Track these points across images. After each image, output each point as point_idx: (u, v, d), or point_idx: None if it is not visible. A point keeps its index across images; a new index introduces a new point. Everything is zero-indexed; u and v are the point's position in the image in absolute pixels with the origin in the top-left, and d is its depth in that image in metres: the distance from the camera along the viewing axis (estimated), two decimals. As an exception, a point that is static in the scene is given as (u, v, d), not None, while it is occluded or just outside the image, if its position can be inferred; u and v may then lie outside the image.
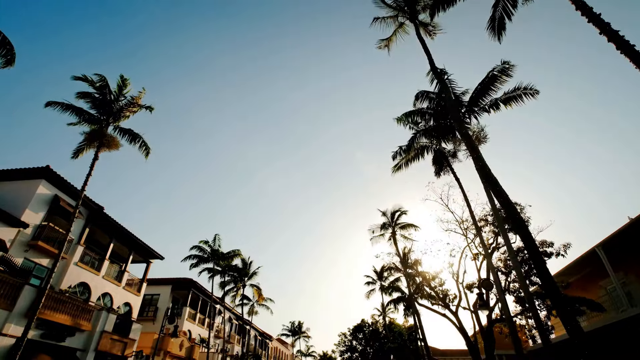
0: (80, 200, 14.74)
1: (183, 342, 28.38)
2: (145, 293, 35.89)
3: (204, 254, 30.83)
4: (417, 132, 16.13)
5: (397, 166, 18.11)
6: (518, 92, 13.05)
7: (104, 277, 23.19)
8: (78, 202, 14.61)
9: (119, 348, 20.49)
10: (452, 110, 12.00)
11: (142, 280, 27.58)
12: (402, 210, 28.72)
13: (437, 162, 16.93)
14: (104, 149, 15.43)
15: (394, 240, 28.53)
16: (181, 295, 36.77)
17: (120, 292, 24.69)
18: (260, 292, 37.14)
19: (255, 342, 56.45)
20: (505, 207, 8.70)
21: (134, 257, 27.69)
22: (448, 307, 18.21)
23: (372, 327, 51.44)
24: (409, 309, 28.43)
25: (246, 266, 35.48)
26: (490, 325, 16.65)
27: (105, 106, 15.73)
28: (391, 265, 33.05)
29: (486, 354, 16.25)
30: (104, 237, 24.57)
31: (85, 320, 18.37)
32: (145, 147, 17.45)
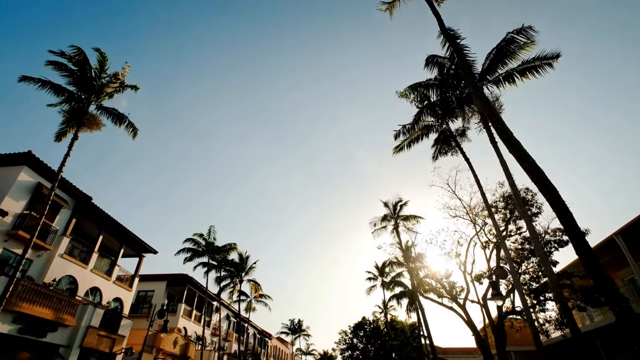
0: (56, 182, 13.61)
1: (177, 339, 27.28)
2: (140, 289, 34.90)
3: (199, 247, 29.63)
4: (422, 108, 14.91)
5: (398, 147, 16.99)
6: (537, 63, 11.82)
7: (93, 270, 22.10)
8: (54, 184, 13.47)
9: (107, 344, 19.41)
10: (465, 75, 10.82)
11: (134, 275, 26.49)
12: (405, 201, 27.63)
13: (443, 141, 15.81)
14: (85, 128, 14.32)
15: (396, 233, 27.38)
16: (177, 292, 35.70)
17: (110, 287, 23.60)
18: (258, 287, 35.97)
19: (254, 340, 55.37)
20: (534, 173, 7.55)
21: (126, 250, 26.58)
22: (455, 299, 17.10)
23: (373, 324, 50.33)
24: (412, 304, 27.31)
25: (243, 261, 34.31)
26: (501, 318, 15.55)
27: (86, 83, 14.60)
28: (393, 259, 31.96)
29: (497, 349, 15.13)
30: (92, 229, 23.47)
31: (69, 315, 17.27)
32: (132, 128, 16.35)
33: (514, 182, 9.97)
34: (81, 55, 14.14)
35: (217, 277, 32.51)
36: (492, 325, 15.89)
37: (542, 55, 11.76)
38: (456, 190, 17.37)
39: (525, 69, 12.10)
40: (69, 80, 14.31)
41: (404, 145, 16.93)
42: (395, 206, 27.94)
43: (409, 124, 15.50)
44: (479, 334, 16.68)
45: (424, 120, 15.34)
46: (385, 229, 27.84)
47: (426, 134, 16.33)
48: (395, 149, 17.06)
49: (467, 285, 17.52)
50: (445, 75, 13.32)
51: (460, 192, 17.40)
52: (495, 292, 11.89)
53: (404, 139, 16.66)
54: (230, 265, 32.80)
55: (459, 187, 17.39)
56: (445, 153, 16.12)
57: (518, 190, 10.19)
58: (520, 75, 12.28)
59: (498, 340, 15.15)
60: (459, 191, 17.39)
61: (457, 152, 15.48)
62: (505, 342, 15.14)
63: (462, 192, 18.92)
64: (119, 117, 15.84)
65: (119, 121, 15.96)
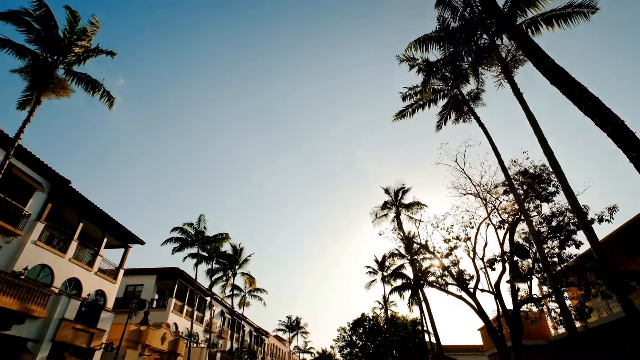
0: (12, 149, 11.94)
1: (166, 335, 25.68)
2: (128, 283, 33.35)
3: (188, 236, 27.92)
4: (434, 64, 13.13)
5: (401, 114, 15.40)
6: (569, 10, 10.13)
7: (71, 260, 20.48)
8: (9, 151, 11.82)
9: (84, 339, 17.81)
10: (490, 10, 9.12)
11: (119, 267, 24.86)
12: (407, 187, 25.97)
13: (454, 107, 14.22)
14: (50, 94, 12.72)
15: (397, 222, 25.80)
16: (167, 286, 34.11)
17: (91, 278, 21.98)
18: (253, 281, 34.30)
19: (250, 338, 53.81)
20: (587, 102, 5.95)
21: (110, 241, 24.97)
22: (465, 287, 15.56)
23: (372, 321, 48.71)
24: (414, 296, 25.77)
25: (237, 252, 32.65)
26: (517, 307, 14.01)
27: (52, 44, 12.97)
28: (394, 251, 30.43)
29: (513, 342, 13.57)
30: (72, 216, 21.86)
31: (39, 306, 15.66)
32: (108, 98, 14.74)
33: (545, 138, 8.42)
34: (45, 11, 12.44)
35: (208, 270, 30.80)
36: (506, 315, 14.37)
37: (577, 2, 10.11)
38: (465, 168, 15.85)
39: (553, 16, 10.52)
40: (31, 37, 12.65)
41: (407, 112, 15.32)
42: (397, 193, 26.27)
43: (416, 86, 13.91)
44: (491, 324, 15.10)
45: (432, 82, 13.73)
46: (386, 217, 26.21)
47: (434, 100, 14.75)
48: (397, 115, 15.47)
49: (477, 272, 15.97)
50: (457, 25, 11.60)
51: (469, 171, 15.87)
52: (515, 274, 10.37)
53: (409, 104, 15.08)
54: (223, 257, 31.09)
55: (468, 165, 15.66)
56: (456, 120, 14.53)
57: (550, 149, 8.60)
58: (546, 24, 10.70)
59: (514, 332, 13.60)
60: (468, 170, 15.73)
61: (469, 118, 13.92)
62: (521, 334, 13.61)
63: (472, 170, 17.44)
64: (92, 84, 14.22)
65: (92, 89, 14.33)
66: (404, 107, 15.38)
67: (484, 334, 27.55)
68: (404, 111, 15.47)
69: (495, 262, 14.65)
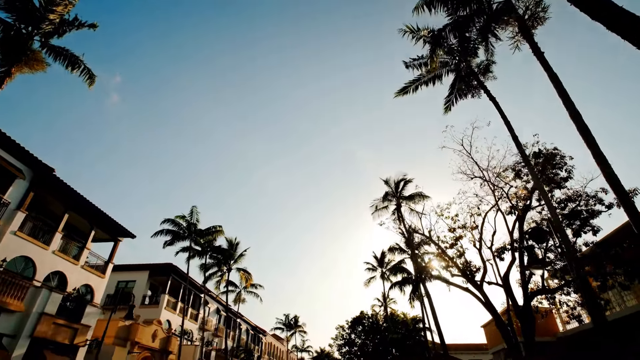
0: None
1: (157, 332, 24.66)
2: (120, 279, 32.35)
3: (180, 229, 26.81)
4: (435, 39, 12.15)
5: (404, 90, 14.38)
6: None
7: (55, 252, 19.45)
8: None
9: (66, 335, 16.79)
10: None
11: (107, 261, 23.82)
12: (409, 178, 24.89)
13: (462, 81, 13.21)
14: (23, 67, 11.72)
15: (398, 215, 24.76)
16: (160, 283, 33.11)
17: (77, 272, 20.95)
18: (249, 277, 33.24)
19: (247, 336, 52.83)
20: None
21: (98, 234, 23.93)
22: (472, 279, 14.60)
23: (372, 319, 47.78)
24: (415, 291, 24.80)
25: (232, 247, 31.59)
26: (528, 299, 13.05)
27: (27, 12, 11.94)
28: (394, 245, 29.45)
29: (524, 337, 12.60)
30: (58, 206, 20.84)
31: (16, 299, 14.65)
32: (89, 75, 13.76)
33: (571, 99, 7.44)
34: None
35: (201, 265, 29.69)
36: (516, 308, 13.42)
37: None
38: (472, 153, 14.87)
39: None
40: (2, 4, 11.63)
41: (410, 89, 14.31)
42: (398, 184, 25.20)
43: (421, 57, 12.84)
44: (500, 318, 14.14)
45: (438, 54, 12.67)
46: (386, 209, 25.16)
47: (439, 76, 13.73)
48: (400, 91, 14.47)
49: (483, 264, 15.04)
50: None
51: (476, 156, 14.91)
52: (531, 261, 9.38)
53: (412, 79, 14.05)
54: (218, 252, 30.00)
55: (474, 149, 14.68)
56: (464, 95, 13.52)
57: (577, 111, 7.59)
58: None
59: (525, 327, 12.63)
60: (474, 154, 14.78)
61: (478, 93, 12.94)
62: (533, 329, 12.65)
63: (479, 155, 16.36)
64: (71, 60, 13.22)
65: (71, 65, 13.33)
66: (407, 83, 14.38)
67: (488, 331, 26.63)
68: (407, 87, 14.46)
69: (505, 251, 13.71)
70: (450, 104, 14.13)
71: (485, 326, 26.96)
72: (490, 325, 26.21)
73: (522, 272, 13.54)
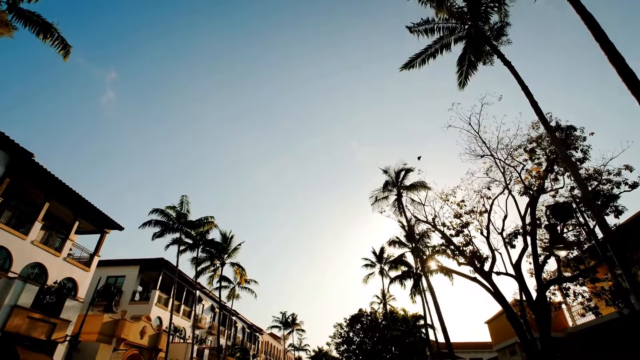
0: None
1: (145, 329, 23.47)
2: (109, 275, 31.12)
3: (169, 220, 25.51)
4: None
5: (409, 64, 13.25)
6: None
7: (35, 243, 18.25)
8: None
9: (43, 330, 15.61)
10: None
11: (93, 253, 22.61)
12: (410, 167, 23.70)
13: (473, 48, 12.08)
14: (-14, 29, 10.56)
15: (398, 206, 23.63)
16: (152, 278, 31.90)
17: (59, 265, 19.74)
18: (243, 272, 32.01)
19: (243, 334, 51.63)
20: None
21: (84, 225, 22.76)
22: (480, 268, 13.50)
23: (370, 317, 46.68)
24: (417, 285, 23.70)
25: (226, 241, 30.35)
26: (542, 288, 11.94)
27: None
28: (394, 239, 28.32)
29: (540, 331, 11.48)
30: (38, 195, 19.63)
31: (-16, 290, 13.46)
32: (63, 45, 12.59)
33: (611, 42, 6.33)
34: None
35: (193, 258, 28.39)
36: (530, 299, 12.32)
37: None
38: (480, 132, 13.76)
39: None
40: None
41: (416, 62, 13.21)
42: (398, 174, 23.99)
43: (427, 20, 11.69)
44: (512, 310, 13.05)
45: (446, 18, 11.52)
46: (386, 199, 24.00)
47: (447, 45, 12.61)
48: (405, 65, 13.34)
49: (492, 252, 13.97)
50: None
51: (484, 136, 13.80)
52: (554, 240, 8.26)
53: (418, 52, 12.91)
54: (210, 245, 28.74)
55: (483, 129, 13.56)
56: (475, 62, 12.36)
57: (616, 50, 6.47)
58: None
59: (540, 320, 11.49)
60: (483, 135, 13.67)
61: (490, 59, 11.83)
62: (549, 322, 11.55)
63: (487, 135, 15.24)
64: (42, 27, 12.05)
65: (44, 33, 12.16)
66: (412, 57, 13.28)
67: (493, 327, 25.54)
68: (412, 61, 13.34)
69: (518, 236, 12.63)
70: (463, 78, 12.90)
71: (490, 322, 25.88)
72: (496, 321, 25.10)
73: (535, 259, 12.48)
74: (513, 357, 21.97)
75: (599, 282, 12.79)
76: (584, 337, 16.91)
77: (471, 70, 12.67)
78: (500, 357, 23.97)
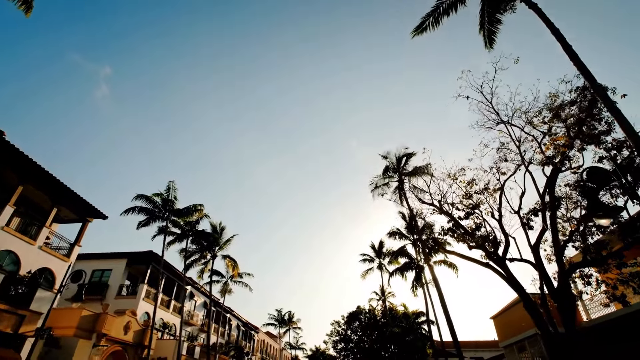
0: None
1: (130, 324, 22.02)
2: (95, 268, 29.67)
3: (155, 207, 23.89)
4: None
5: (420, 27, 11.85)
6: None
7: (5, 229, 16.77)
8: None
9: (9, 323, 14.17)
10: None
11: (74, 243, 21.09)
12: (412, 152, 22.20)
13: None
14: None
15: (400, 194, 22.24)
16: (140, 272, 30.42)
17: (34, 253, 18.24)
18: (235, 265, 30.50)
19: (238, 332, 50.18)
20: None
21: (65, 212, 21.34)
22: (494, 253, 12.15)
23: (369, 314, 45.25)
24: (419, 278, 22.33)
25: (216, 232, 28.84)
26: (565, 274, 10.55)
27: None
28: (395, 230, 26.97)
29: (564, 322, 10.08)
30: (11, 177, 18.15)
31: (-63, 276, 11.98)
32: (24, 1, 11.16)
33: None
34: None
35: (182, 250, 26.86)
36: (550, 287, 10.97)
37: None
38: (493, 101, 12.43)
39: None
40: None
41: (427, 23, 11.76)
42: (400, 160, 22.52)
43: None
44: (529, 298, 11.69)
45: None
46: (387, 186, 22.55)
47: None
48: (416, 30, 11.91)
49: (505, 237, 12.61)
50: None
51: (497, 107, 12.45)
52: (595, 207, 6.92)
53: (429, 12, 11.49)
54: (201, 237, 27.21)
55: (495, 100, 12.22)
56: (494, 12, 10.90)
57: None
58: None
59: (565, 308, 10.11)
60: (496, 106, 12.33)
61: (512, 5, 10.40)
62: (574, 311, 10.19)
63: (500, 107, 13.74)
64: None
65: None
66: (423, 16, 11.88)
67: (499, 322, 24.19)
68: (424, 22, 11.92)
69: (538, 213, 11.27)
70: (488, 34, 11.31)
71: (496, 317, 24.53)
72: (502, 316, 23.78)
73: (556, 241, 11.16)
74: (522, 354, 20.62)
75: (626, 267, 11.45)
76: (601, 331, 15.53)
77: (494, 25, 11.20)
78: (508, 354, 22.62)
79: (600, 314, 16.32)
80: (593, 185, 7.12)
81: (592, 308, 17.38)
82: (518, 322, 20.63)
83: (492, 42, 11.58)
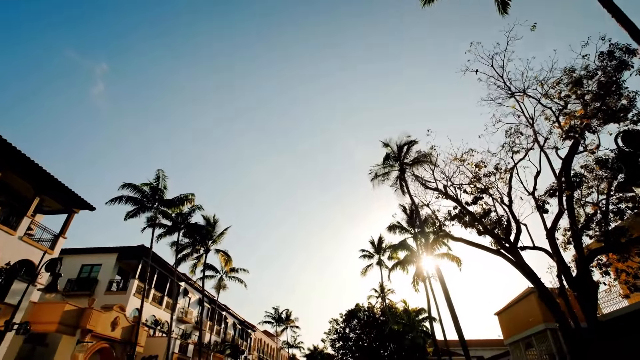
0: None
1: (118, 320, 20.98)
2: (84, 263, 28.69)
3: (143, 196, 22.72)
4: None
5: None
6: None
7: (-19, 217, 15.75)
8: None
9: (-20, 316, 13.12)
10: None
11: (58, 234, 20.06)
12: (414, 139, 21.13)
13: None
14: None
15: (401, 184, 21.28)
16: (131, 267, 29.39)
17: (14, 244, 17.21)
18: (229, 259, 29.45)
19: (235, 331, 49.18)
20: None
21: (48, 203, 20.32)
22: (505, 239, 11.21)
23: (367, 311, 44.35)
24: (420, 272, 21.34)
25: (210, 225, 27.77)
26: (585, 261, 9.59)
27: None
28: (395, 224, 26.01)
29: (585, 313, 9.12)
30: (-11, 164, 17.10)
31: None
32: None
33: None
34: None
35: (173, 243, 25.75)
36: (568, 276, 10.03)
37: None
38: (504, 75, 11.49)
39: None
40: None
41: None
42: (401, 148, 21.45)
43: None
44: (545, 287, 10.75)
45: None
46: (387, 175, 21.53)
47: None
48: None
49: (517, 224, 11.70)
50: None
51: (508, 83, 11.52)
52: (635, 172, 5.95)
53: None
54: (193, 230, 26.12)
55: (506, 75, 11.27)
56: None
57: None
58: None
59: (583, 299, 9.16)
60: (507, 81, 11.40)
61: None
62: (595, 301, 9.23)
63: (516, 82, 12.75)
64: None
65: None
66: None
67: (504, 319, 23.25)
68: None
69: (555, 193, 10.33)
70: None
71: (500, 313, 23.59)
72: (507, 312, 22.83)
73: (574, 225, 10.25)
74: (529, 351, 19.69)
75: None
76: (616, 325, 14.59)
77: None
78: (513, 351, 21.68)
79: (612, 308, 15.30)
80: (630, 150, 6.17)
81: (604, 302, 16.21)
82: (524, 317, 19.72)
83: (506, 6, 10.65)
